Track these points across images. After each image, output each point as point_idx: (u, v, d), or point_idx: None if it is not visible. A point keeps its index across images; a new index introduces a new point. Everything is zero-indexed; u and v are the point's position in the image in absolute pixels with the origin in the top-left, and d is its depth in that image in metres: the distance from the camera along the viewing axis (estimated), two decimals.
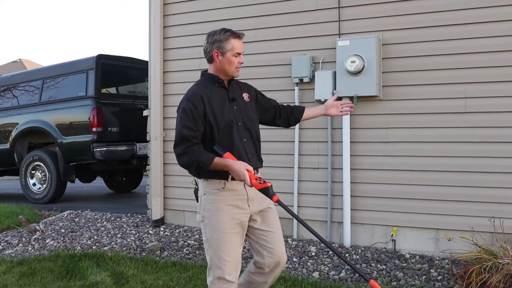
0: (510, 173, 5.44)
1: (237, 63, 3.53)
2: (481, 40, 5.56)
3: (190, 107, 3.43)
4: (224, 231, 3.44)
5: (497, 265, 4.68)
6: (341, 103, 3.95)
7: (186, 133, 3.42)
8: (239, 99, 3.58)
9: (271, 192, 3.32)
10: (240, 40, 3.55)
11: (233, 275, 3.48)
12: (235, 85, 3.65)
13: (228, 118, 3.46)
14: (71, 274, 5.41)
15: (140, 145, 9.82)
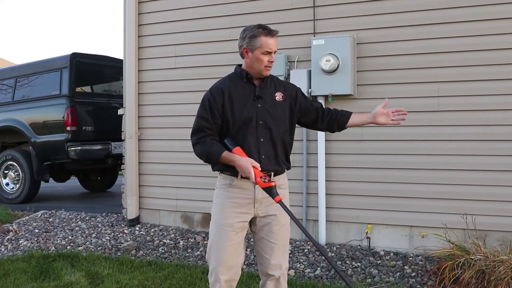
0: (482, 171, 5.53)
1: (267, 61, 3.36)
2: (454, 40, 5.63)
3: (209, 98, 3.41)
4: (222, 227, 3.41)
5: (469, 261, 4.75)
6: (393, 111, 3.58)
7: (201, 124, 3.40)
8: (269, 97, 3.42)
9: (274, 192, 3.24)
10: (272, 38, 3.37)
11: (224, 275, 3.40)
12: (270, 83, 3.49)
13: (246, 115, 3.36)
14: (45, 274, 5.36)
15: (115, 144, 9.74)
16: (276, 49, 3.40)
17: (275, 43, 3.38)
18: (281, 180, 3.46)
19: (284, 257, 3.49)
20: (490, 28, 5.50)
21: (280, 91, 3.46)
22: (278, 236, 3.43)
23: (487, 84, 5.52)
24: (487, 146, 5.51)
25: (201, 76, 6.88)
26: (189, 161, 6.90)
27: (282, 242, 3.46)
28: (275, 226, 3.41)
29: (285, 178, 3.53)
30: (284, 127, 3.44)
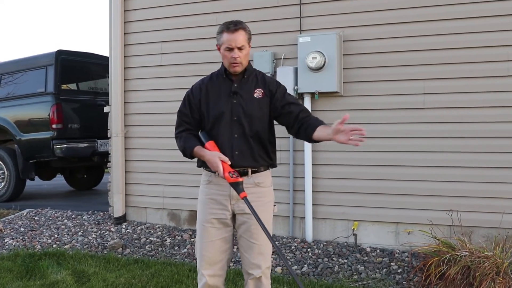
0: (467, 167, 5.57)
1: (230, 57, 3.33)
2: (439, 37, 5.66)
3: (189, 93, 3.57)
4: (202, 223, 3.44)
5: (455, 257, 4.78)
6: (351, 129, 3.14)
7: (181, 118, 3.53)
8: (246, 93, 3.39)
9: (240, 188, 3.24)
10: (233, 34, 3.30)
11: (208, 270, 3.41)
12: (253, 79, 3.45)
13: (219, 110, 3.38)
14: (31, 273, 5.33)
15: (101, 141, 9.71)
16: (237, 45, 3.30)
17: (235, 39, 3.30)
18: (260, 178, 3.40)
19: (263, 257, 3.41)
20: (475, 26, 5.53)
21: (260, 88, 3.41)
22: (256, 235, 3.37)
23: (472, 82, 5.56)
24: (472, 143, 5.56)
25: (187, 73, 6.86)
26: (175, 158, 6.87)
27: (260, 241, 3.37)
28: (253, 225, 3.34)
29: (265, 176, 3.44)
30: (261, 124, 3.38)
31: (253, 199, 3.30)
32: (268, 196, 3.45)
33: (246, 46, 3.36)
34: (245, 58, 3.37)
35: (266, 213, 3.37)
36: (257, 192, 3.36)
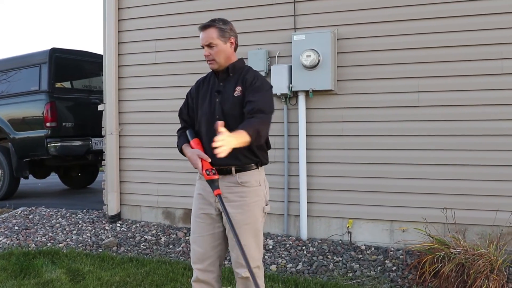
0: (461, 165, 5.58)
1: (204, 55, 3.41)
2: (433, 36, 5.67)
3: (188, 92, 3.62)
4: (194, 217, 3.48)
5: (449, 255, 4.80)
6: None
7: (180, 117, 3.62)
8: (227, 92, 3.35)
9: (215, 185, 3.23)
10: (202, 32, 3.36)
11: (197, 264, 3.43)
12: (238, 77, 3.39)
13: (205, 109, 3.39)
14: (25, 272, 5.32)
15: (95, 140, 9.69)
16: (205, 43, 3.35)
17: (204, 37, 3.36)
18: (245, 177, 3.33)
19: (253, 257, 3.31)
20: (468, 24, 5.55)
21: (240, 85, 3.34)
22: (241, 234, 3.27)
23: (466, 80, 5.57)
24: (466, 141, 5.57)
25: (181, 71, 6.86)
26: (170, 156, 6.89)
27: (244, 241, 3.23)
28: (238, 223, 3.29)
29: (251, 176, 3.35)
30: (237, 123, 3.20)
31: (236, 199, 3.30)
32: (253, 196, 3.34)
33: (218, 42, 3.34)
34: (217, 55, 3.35)
35: (248, 213, 3.31)
36: (240, 192, 3.32)
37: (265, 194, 3.43)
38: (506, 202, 5.39)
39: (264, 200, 3.42)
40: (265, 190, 3.45)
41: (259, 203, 3.37)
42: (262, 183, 3.41)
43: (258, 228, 3.37)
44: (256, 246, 3.36)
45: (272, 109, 3.31)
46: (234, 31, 3.43)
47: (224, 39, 3.36)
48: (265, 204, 3.42)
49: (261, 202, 3.39)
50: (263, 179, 3.43)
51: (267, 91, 3.33)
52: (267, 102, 3.27)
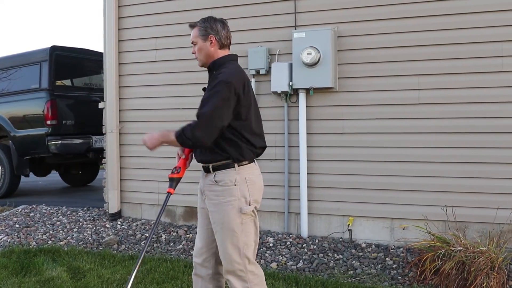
0: (461, 163, 5.58)
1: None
2: (434, 33, 5.67)
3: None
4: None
5: (449, 253, 4.80)
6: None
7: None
8: (207, 90, 3.42)
9: (171, 184, 3.45)
10: (191, 31, 3.54)
11: (195, 258, 3.54)
12: (215, 76, 3.40)
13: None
14: (26, 270, 5.32)
15: (96, 138, 9.69)
16: (191, 41, 3.51)
17: (192, 35, 3.52)
18: (220, 175, 3.32)
19: (224, 257, 3.35)
20: (469, 22, 5.54)
21: (209, 84, 3.40)
22: (216, 234, 3.36)
23: (467, 77, 5.57)
24: (466, 139, 5.57)
25: (181, 69, 6.86)
26: (170, 154, 6.82)
27: (219, 242, 3.35)
28: (214, 223, 3.35)
29: (226, 174, 3.31)
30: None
31: (213, 198, 3.35)
32: (226, 195, 3.30)
33: (198, 41, 3.47)
34: (198, 52, 3.49)
35: (221, 213, 3.30)
36: (215, 190, 3.33)
37: (244, 194, 3.31)
38: (506, 199, 5.39)
39: (242, 200, 3.30)
40: (245, 190, 3.32)
41: (234, 203, 3.28)
42: (239, 182, 3.30)
43: (233, 229, 3.28)
44: (232, 247, 3.31)
45: (205, 111, 3.23)
46: (215, 29, 3.45)
47: (203, 37, 3.45)
48: (245, 205, 3.30)
49: (237, 202, 3.28)
50: (243, 179, 3.32)
51: (213, 89, 3.29)
52: (205, 104, 3.27)
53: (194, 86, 6.79)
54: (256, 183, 3.41)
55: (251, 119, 3.36)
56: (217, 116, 3.22)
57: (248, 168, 3.37)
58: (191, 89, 6.80)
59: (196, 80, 6.77)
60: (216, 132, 3.23)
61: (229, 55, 3.53)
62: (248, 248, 3.34)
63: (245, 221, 3.32)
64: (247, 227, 3.34)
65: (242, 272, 3.33)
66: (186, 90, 6.85)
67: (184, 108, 6.85)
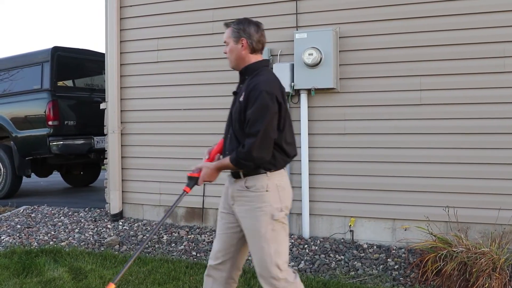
0: (463, 164, 5.57)
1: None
2: (436, 34, 5.66)
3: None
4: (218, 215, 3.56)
5: (451, 253, 4.79)
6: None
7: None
8: (239, 95, 3.35)
9: (189, 183, 3.47)
10: (225, 29, 3.47)
11: (210, 260, 3.49)
12: (249, 80, 3.33)
13: (230, 111, 3.44)
14: (27, 270, 5.32)
15: (97, 138, 9.69)
16: (224, 40, 3.45)
17: (225, 34, 3.45)
18: (251, 181, 3.27)
19: (257, 264, 3.31)
20: (471, 22, 5.54)
21: (245, 91, 3.29)
22: (248, 240, 3.33)
23: (469, 78, 5.56)
24: (468, 139, 5.56)
25: (183, 70, 6.87)
26: (172, 155, 6.89)
27: (251, 248, 3.33)
28: (245, 229, 3.32)
29: (257, 180, 3.26)
30: (237, 128, 3.29)
31: (244, 204, 3.29)
32: (258, 201, 3.25)
33: (230, 42, 3.40)
34: (229, 53, 3.43)
35: (253, 220, 3.26)
36: (246, 196, 3.28)
37: (275, 201, 3.26)
38: (508, 200, 5.38)
39: (274, 206, 3.25)
40: (276, 196, 3.27)
41: (265, 209, 3.23)
42: (270, 188, 3.25)
43: (264, 236, 3.24)
44: (264, 255, 3.26)
45: (259, 128, 3.12)
46: (248, 33, 3.36)
47: (235, 39, 3.38)
48: (277, 211, 3.25)
49: (268, 209, 3.23)
50: (274, 185, 3.27)
51: (258, 102, 3.17)
52: (256, 121, 3.15)
53: (196, 87, 6.81)
54: (286, 189, 3.36)
55: (286, 129, 3.30)
56: (270, 131, 3.16)
57: (279, 174, 3.32)
58: (193, 90, 6.81)
59: (198, 80, 6.79)
60: (272, 145, 3.19)
61: (263, 61, 3.46)
62: (280, 255, 3.27)
63: (276, 227, 3.26)
64: (278, 234, 3.28)
65: (274, 279, 3.27)
66: (188, 90, 6.85)
67: (186, 108, 6.87)
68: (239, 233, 3.38)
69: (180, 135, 6.89)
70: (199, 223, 6.85)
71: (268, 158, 3.19)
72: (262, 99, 3.15)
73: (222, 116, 6.61)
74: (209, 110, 6.70)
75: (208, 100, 6.71)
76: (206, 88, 6.74)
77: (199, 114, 6.78)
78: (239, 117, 3.26)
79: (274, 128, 3.18)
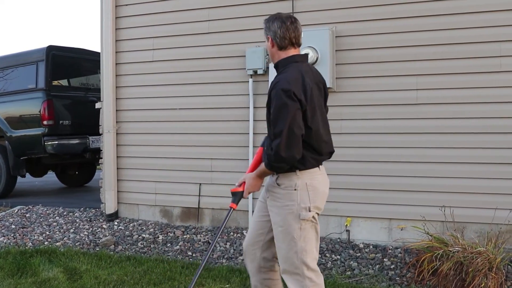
0: (459, 163, 5.57)
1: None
2: (432, 33, 5.66)
3: None
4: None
5: (447, 253, 4.79)
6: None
7: None
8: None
9: (233, 198, 3.39)
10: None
11: (244, 243, 3.55)
12: (274, 80, 3.27)
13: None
14: (22, 271, 5.29)
15: (93, 138, 9.66)
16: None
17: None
18: (280, 179, 3.25)
19: (281, 259, 3.30)
20: (468, 22, 5.53)
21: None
22: (275, 235, 3.32)
23: (465, 78, 5.56)
24: (464, 139, 5.56)
25: (179, 69, 6.85)
26: (168, 155, 6.87)
27: (277, 243, 3.31)
28: (274, 224, 3.30)
29: (286, 178, 3.24)
30: (268, 126, 3.27)
31: (273, 198, 3.29)
32: (285, 199, 3.23)
33: (265, 39, 3.40)
34: (268, 51, 3.42)
35: (280, 216, 3.24)
36: (277, 192, 3.26)
37: (304, 200, 3.22)
38: (504, 200, 5.38)
39: (302, 206, 3.22)
40: (305, 195, 3.23)
41: (292, 208, 3.21)
42: (299, 187, 3.22)
43: (291, 234, 3.21)
44: (290, 251, 3.24)
45: (282, 128, 3.06)
46: (272, 30, 3.32)
47: (265, 37, 3.39)
48: (304, 211, 3.22)
49: (295, 208, 3.21)
50: (303, 184, 3.23)
51: (276, 102, 3.12)
52: (278, 121, 3.10)
53: (191, 86, 6.79)
54: (319, 189, 3.31)
55: (318, 126, 3.25)
56: (294, 128, 3.07)
57: (311, 173, 3.27)
58: (189, 89, 6.80)
59: (193, 80, 6.78)
60: (300, 142, 3.11)
61: (291, 57, 3.34)
62: (307, 254, 3.24)
63: (304, 226, 3.23)
64: (307, 233, 3.25)
65: (299, 276, 3.25)
66: (184, 90, 6.84)
67: (181, 108, 6.85)
68: (269, 223, 3.38)
69: (176, 135, 6.87)
70: (194, 223, 6.83)
71: (299, 156, 3.12)
72: (279, 98, 3.10)
73: (218, 115, 6.67)
74: (205, 110, 6.69)
75: (204, 100, 6.70)
76: (202, 87, 6.72)
77: (195, 113, 6.76)
78: (268, 116, 3.25)
79: (298, 125, 3.08)
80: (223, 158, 6.61)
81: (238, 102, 6.53)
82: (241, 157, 6.49)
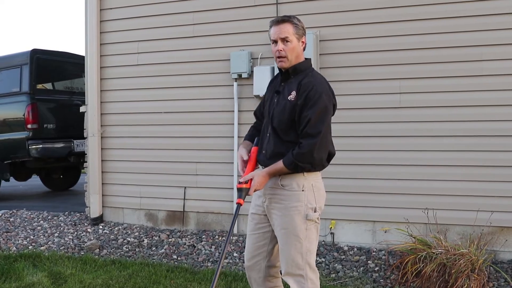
0: (442, 166, 5.63)
1: (274, 51, 3.25)
2: (415, 37, 5.71)
3: (267, 87, 3.55)
4: (249, 216, 3.52)
5: (431, 255, 4.83)
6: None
7: (254, 111, 3.66)
8: (283, 94, 3.28)
9: (239, 194, 3.27)
10: (276, 26, 3.26)
11: (246, 262, 3.49)
12: (296, 80, 3.27)
13: (266, 108, 3.40)
14: (6, 275, 5.25)
15: (77, 141, 9.63)
16: (281, 36, 3.22)
17: (279, 30, 3.24)
18: (286, 180, 3.23)
19: (285, 261, 3.27)
20: (449, 26, 5.59)
21: (295, 90, 3.22)
22: (279, 238, 3.29)
23: (447, 81, 5.62)
24: (446, 142, 5.62)
25: (164, 72, 6.85)
26: (152, 158, 6.87)
27: (282, 246, 3.28)
28: (277, 227, 3.30)
29: (294, 179, 3.22)
30: (283, 127, 3.24)
31: (278, 202, 3.26)
32: (293, 200, 3.21)
33: (293, 39, 3.23)
34: (290, 52, 3.22)
35: (286, 218, 3.22)
36: (281, 195, 3.25)
37: (310, 201, 3.23)
38: (486, 202, 5.44)
39: (309, 206, 3.22)
40: (311, 196, 3.24)
41: (300, 209, 3.21)
42: (306, 188, 3.23)
43: (297, 235, 3.21)
44: (295, 253, 3.23)
45: (321, 129, 3.15)
46: (305, 30, 3.33)
47: (298, 37, 3.25)
48: (311, 211, 3.22)
49: (303, 208, 3.21)
50: (310, 184, 3.25)
51: (319, 104, 3.16)
52: (317, 122, 3.14)
53: (176, 90, 6.80)
54: (321, 190, 3.35)
55: (331, 130, 3.33)
56: (328, 132, 3.22)
57: (315, 174, 3.31)
58: (174, 93, 6.80)
59: (178, 83, 6.79)
60: (328, 146, 3.28)
61: (309, 60, 3.40)
62: (311, 254, 3.27)
63: (309, 227, 3.24)
64: (311, 233, 3.26)
65: (302, 278, 3.26)
66: (168, 93, 6.84)
67: (166, 112, 6.85)
68: (270, 233, 3.37)
69: (160, 138, 6.87)
70: (179, 226, 6.83)
71: (325, 159, 3.24)
72: (322, 101, 3.17)
73: (202, 119, 6.67)
74: (189, 113, 6.70)
75: (189, 103, 6.71)
76: (187, 91, 6.73)
77: (180, 117, 6.77)
78: (289, 116, 3.20)
79: (330, 130, 3.25)
80: (208, 162, 6.62)
81: (222, 105, 6.54)
82: (226, 161, 6.50)
